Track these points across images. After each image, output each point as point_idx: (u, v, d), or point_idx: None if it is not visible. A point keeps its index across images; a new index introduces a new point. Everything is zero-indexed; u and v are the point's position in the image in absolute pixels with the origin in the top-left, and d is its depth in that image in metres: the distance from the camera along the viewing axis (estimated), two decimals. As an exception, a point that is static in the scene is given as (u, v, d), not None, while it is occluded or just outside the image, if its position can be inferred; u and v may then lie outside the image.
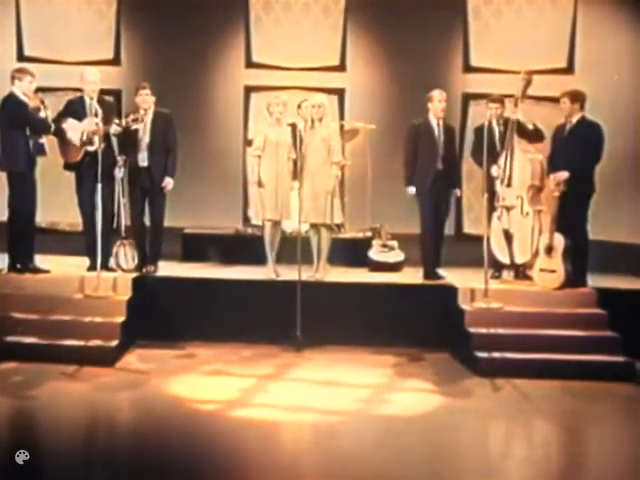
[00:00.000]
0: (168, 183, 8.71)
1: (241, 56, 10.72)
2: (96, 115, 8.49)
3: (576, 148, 8.28)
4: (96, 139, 8.34)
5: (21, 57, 10.46)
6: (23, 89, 8.34)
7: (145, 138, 8.66)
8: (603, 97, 9.40)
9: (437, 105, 8.77)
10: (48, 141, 8.49)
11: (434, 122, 8.80)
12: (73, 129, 8.49)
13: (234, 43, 10.72)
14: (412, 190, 8.84)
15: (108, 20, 10.64)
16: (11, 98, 8.34)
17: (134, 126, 8.51)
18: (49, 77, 9.48)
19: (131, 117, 8.50)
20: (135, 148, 8.66)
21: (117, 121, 8.54)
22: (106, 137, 8.48)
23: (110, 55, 10.58)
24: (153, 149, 8.67)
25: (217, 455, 5.81)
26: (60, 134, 8.47)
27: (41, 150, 8.40)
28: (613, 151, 8.86)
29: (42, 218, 8.99)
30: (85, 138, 8.43)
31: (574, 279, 8.28)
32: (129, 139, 8.65)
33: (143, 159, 8.68)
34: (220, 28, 10.60)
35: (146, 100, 8.66)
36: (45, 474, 5.49)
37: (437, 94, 8.80)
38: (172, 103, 8.96)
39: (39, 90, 8.55)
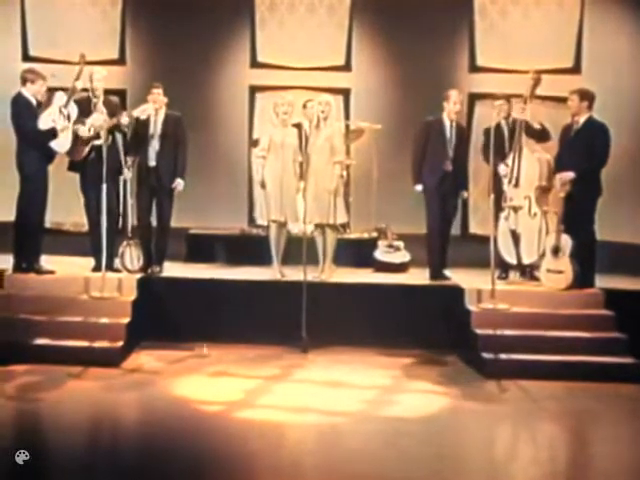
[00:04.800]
0: (179, 184, 8.71)
1: (246, 56, 10.73)
2: (102, 113, 8.51)
3: (581, 150, 8.23)
4: (103, 133, 8.34)
5: (26, 57, 10.47)
6: (34, 92, 8.35)
7: (155, 138, 8.67)
8: (609, 97, 9.33)
9: (452, 106, 8.69)
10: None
11: (447, 122, 8.73)
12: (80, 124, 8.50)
13: (239, 43, 10.73)
14: (419, 188, 8.80)
15: (113, 20, 10.65)
16: (20, 99, 8.34)
17: (142, 116, 8.51)
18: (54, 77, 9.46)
19: (140, 108, 8.52)
20: (145, 148, 8.67)
21: (126, 112, 8.57)
22: (112, 134, 8.48)
23: (115, 55, 10.60)
24: (162, 149, 8.67)
25: (221, 456, 5.80)
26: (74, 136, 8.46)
27: (52, 155, 8.43)
28: (619, 151, 8.81)
29: (47, 218, 8.94)
30: (92, 133, 8.44)
31: (581, 280, 8.24)
32: (139, 138, 8.66)
33: (152, 159, 8.68)
34: (225, 28, 10.60)
35: (157, 100, 8.66)
36: (50, 474, 5.49)
37: (454, 95, 8.72)
38: (177, 103, 8.94)
39: (47, 90, 8.52)
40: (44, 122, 8.29)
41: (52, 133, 8.29)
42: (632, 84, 10.08)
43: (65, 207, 9.79)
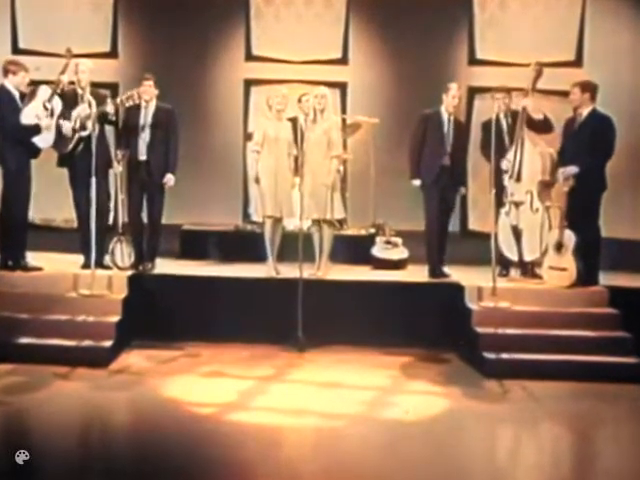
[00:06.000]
0: (169, 179, 8.64)
1: (241, 49, 10.69)
2: (90, 105, 8.40)
3: (586, 144, 8.15)
4: (89, 124, 8.25)
5: (16, 50, 10.42)
6: (16, 83, 8.29)
7: (145, 131, 8.60)
8: (611, 90, 9.26)
9: (450, 99, 8.63)
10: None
11: (445, 116, 8.67)
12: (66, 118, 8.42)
13: (234, 36, 10.69)
14: (417, 183, 8.72)
15: (105, 12, 10.61)
16: (2, 93, 8.26)
17: (127, 103, 8.43)
18: (44, 70, 9.31)
19: (125, 95, 8.45)
20: (135, 140, 8.58)
21: (111, 100, 8.48)
22: (100, 125, 8.40)
23: (107, 48, 10.55)
24: (153, 143, 8.59)
25: (214, 460, 5.71)
26: (57, 129, 8.38)
27: (36, 151, 8.33)
28: (619, 145, 8.65)
29: (36, 214, 8.94)
30: (78, 124, 8.35)
31: (585, 277, 8.17)
32: (129, 131, 8.58)
33: (142, 153, 8.60)
34: (220, 21, 10.57)
35: (148, 91, 8.57)
36: (38, 477, 5.40)
37: (453, 88, 8.68)
38: (171, 97, 8.88)
39: (33, 83, 8.47)
40: (27, 116, 8.24)
41: (34, 128, 8.22)
42: (633, 77, 10.04)
43: (55, 203, 9.75)
